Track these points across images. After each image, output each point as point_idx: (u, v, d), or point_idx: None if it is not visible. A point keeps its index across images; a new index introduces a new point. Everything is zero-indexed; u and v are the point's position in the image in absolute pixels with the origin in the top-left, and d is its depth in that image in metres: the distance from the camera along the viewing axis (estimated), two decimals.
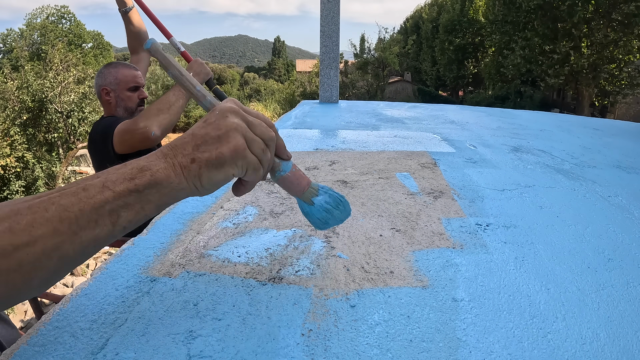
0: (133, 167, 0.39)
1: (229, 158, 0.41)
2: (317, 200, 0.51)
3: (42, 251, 0.32)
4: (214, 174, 0.41)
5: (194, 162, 0.40)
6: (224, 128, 0.41)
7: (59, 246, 0.33)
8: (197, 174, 0.40)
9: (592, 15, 14.43)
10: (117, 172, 0.38)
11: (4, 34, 22.14)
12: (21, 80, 9.63)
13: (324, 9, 2.56)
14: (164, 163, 0.39)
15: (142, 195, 0.38)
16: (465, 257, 0.65)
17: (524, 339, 0.47)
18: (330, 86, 2.68)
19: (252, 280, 0.56)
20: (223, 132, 0.41)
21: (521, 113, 2.48)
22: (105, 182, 0.36)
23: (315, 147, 1.36)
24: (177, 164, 0.40)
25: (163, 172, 0.39)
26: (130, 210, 0.37)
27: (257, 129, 0.43)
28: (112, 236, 0.37)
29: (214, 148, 0.40)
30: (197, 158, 0.40)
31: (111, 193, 0.36)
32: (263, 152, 0.44)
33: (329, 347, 0.44)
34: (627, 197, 0.96)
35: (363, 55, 23.71)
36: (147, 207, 0.38)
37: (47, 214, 0.33)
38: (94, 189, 0.36)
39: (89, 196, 0.35)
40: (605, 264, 0.65)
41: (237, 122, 0.42)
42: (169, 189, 0.39)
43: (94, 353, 0.42)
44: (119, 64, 1.44)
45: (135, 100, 1.44)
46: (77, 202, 0.35)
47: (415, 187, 0.96)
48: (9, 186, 8.63)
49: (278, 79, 48.95)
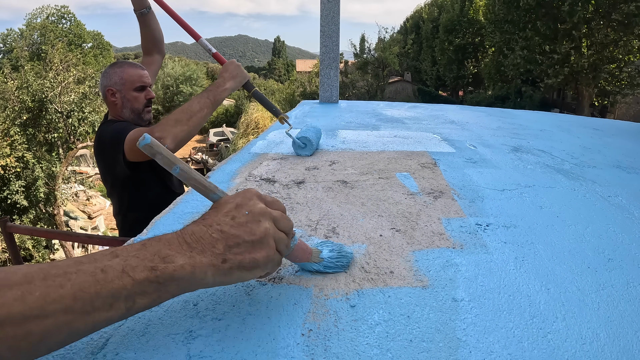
0: (154, 253, 0.38)
1: (262, 264, 0.43)
2: (323, 255, 0.57)
3: (52, 325, 0.32)
4: (245, 275, 0.42)
5: (226, 263, 0.40)
6: (258, 234, 0.42)
7: (70, 323, 0.33)
8: (227, 273, 0.41)
9: (592, 15, 14.43)
10: (137, 255, 0.37)
11: (4, 34, 22.14)
12: (21, 80, 9.62)
13: (324, 9, 2.56)
14: (189, 258, 0.39)
15: (162, 286, 0.37)
16: (465, 257, 0.65)
17: (524, 339, 0.47)
18: (330, 86, 2.68)
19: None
20: (257, 238, 0.42)
21: (521, 113, 2.48)
22: (125, 267, 0.36)
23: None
24: (206, 262, 0.39)
25: (188, 268, 0.38)
26: (147, 298, 0.37)
27: (280, 224, 0.45)
28: (124, 318, 0.37)
29: (247, 252, 0.41)
30: (229, 259, 0.40)
31: (130, 280, 0.35)
32: (286, 248, 0.47)
33: (329, 347, 0.44)
34: (627, 197, 0.96)
35: (363, 55, 23.72)
36: (164, 296, 0.38)
37: (62, 290, 0.33)
38: (113, 272, 0.35)
39: (107, 280, 0.35)
40: (605, 264, 0.65)
41: (269, 227, 0.43)
42: (189, 283, 0.39)
43: (94, 353, 0.42)
44: (124, 63, 1.40)
45: (142, 100, 1.39)
46: (94, 283, 0.34)
47: (415, 187, 0.96)
48: (9, 186, 8.62)
49: (278, 79, 48.96)
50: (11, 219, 1.43)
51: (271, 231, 0.43)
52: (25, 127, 9.65)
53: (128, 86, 1.36)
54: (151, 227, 0.72)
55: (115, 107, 1.38)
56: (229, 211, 0.43)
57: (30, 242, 9.03)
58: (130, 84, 1.36)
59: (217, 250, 0.40)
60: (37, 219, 9.62)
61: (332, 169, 1.09)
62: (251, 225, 0.42)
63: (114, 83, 1.36)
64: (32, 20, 21.81)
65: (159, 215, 0.77)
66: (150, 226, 0.73)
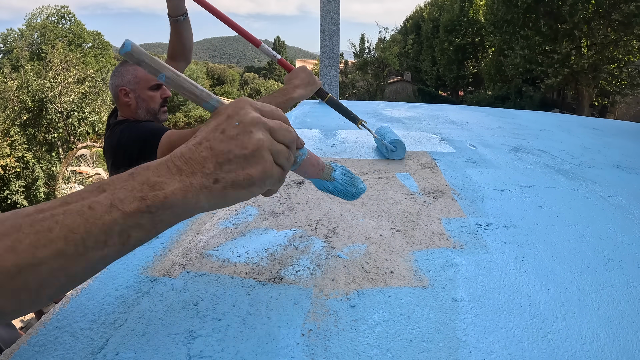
0: (143, 182, 0.35)
1: (258, 180, 0.38)
2: (335, 174, 0.52)
3: (48, 272, 0.31)
4: (241, 194, 0.38)
5: (218, 183, 0.37)
6: (251, 147, 0.38)
7: (66, 266, 0.32)
8: (222, 195, 0.37)
9: (592, 15, 14.43)
10: (125, 187, 0.34)
11: (4, 34, 22.12)
12: (21, 80, 9.63)
13: (324, 9, 2.56)
14: (179, 182, 0.35)
15: (155, 216, 0.34)
16: (465, 257, 0.65)
17: (524, 339, 0.47)
18: (330, 86, 2.68)
19: (252, 280, 0.56)
20: (249, 151, 0.37)
21: (521, 113, 2.48)
22: (112, 200, 0.33)
23: (315, 147, 1.36)
24: (198, 185, 0.36)
25: (179, 193, 0.35)
26: (141, 230, 0.34)
27: (278, 134, 0.40)
28: (122, 254, 0.35)
29: (241, 168, 0.37)
30: (221, 179, 0.37)
31: (120, 214, 0.33)
32: (287, 161, 0.41)
33: (329, 347, 0.44)
34: (627, 197, 0.96)
35: (363, 55, 23.73)
36: (159, 226, 0.36)
37: (51, 234, 0.31)
38: (101, 207, 0.33)
39: (96, 217, 0.32)
40: (605, 264, 0.65)
41: (263, 138, 0.39)
42: (183, 209, 0.36)
43: (94, 353, 0.42)
44: None
45: (157, 100, 1.30)
46: (83, 222, 0.32)
47: (415, 187, 0.96)
48: (9, 186, 8.63)
49: (278, 79, 48.95)
50: None
51: (266, 143, 0.39)
52: (25, 127, 9.66)
53: (143, 85, 1.27)
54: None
55: (129, 107, 1.29)
56: (219, 124, 0.39)
57: None
58: (145, 82, 1.27)
59: (207, 170, 0.36)
60: None
61: None
62: (242, 137, 0.38)
63: (127, 82, 1.27)
64: (32, 20, 21.80)
65: None
66: None
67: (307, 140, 1.47)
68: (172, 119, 23.99)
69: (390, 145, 1.19)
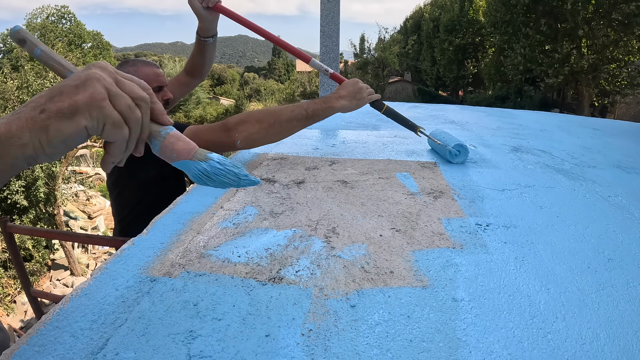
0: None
1: (83, 106, 0.37)
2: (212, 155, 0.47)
3: None
4: (64, 124, 0.37)
5: (43, 113, 0.36)
6: (84, 77, 0.38)
7: None
8: (44, 125, 0.36)
9: (592, 15, 14.43)
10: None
11: (4, 34, 22.13)
12: (21, 80, 9.63)
13: (324, 9, 2.56)
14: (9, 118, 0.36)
15: None
16: (465, 257, 0.65)
17: (524, 339, 0.47)
18: (330, 86, 2.68)
19: (252, 280, 0.56)
20: (81, 81, 0.38)
21: (521, 113, 2.48)
22: None
23: (315, 147, 1.36)
24: (24, 117, 0.36)
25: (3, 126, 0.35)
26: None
27: (125, 85, 0.40)
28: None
29: (68, 97, 0.37)
30: (47, 108, 0.36)
31: None
32: (130, 110, 0.40)
33: (329, 347, 0.44)
34: (627, 197, 0.96)
35: (363, 55, 23.72)
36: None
37: None
38: None
39: None
40: (605, 264, 0.65)
41: (101, 74, 0.39)
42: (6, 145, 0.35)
43: (94, 353, 0.42)
44: (137, 61, 1.26)
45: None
46: None
47: (415, 187, 0.96)
48: (8, 186, 8.63)
49: (278, 79, 48.96)
50: (11, 219, 1.43)
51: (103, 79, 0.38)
52: None
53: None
54: (151, 227, 0.72)
55: None
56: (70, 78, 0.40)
57: (30, 242, 9.04)
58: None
59: (37, 104, 0.37)
60: (37, 219, 9.62)
61: (332, 169, 1.09)
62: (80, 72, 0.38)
63: None
64: (32, 20, 21.80)
65: (159, 215, 0.77)
66: (150, 226, 0.73)
67: (307, 140, 1.47)
68: (172, 119, 23.93)
69: (454, 150, 1.18)
